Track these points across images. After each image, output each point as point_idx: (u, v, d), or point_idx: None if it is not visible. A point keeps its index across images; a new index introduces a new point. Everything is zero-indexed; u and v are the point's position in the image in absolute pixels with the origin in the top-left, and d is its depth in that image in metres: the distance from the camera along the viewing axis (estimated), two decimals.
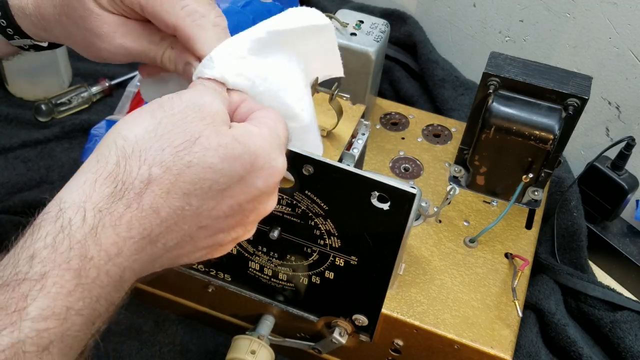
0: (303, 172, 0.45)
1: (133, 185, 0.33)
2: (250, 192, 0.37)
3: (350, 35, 0.70)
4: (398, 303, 0.60)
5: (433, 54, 0.95)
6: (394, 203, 0.44)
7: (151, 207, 0.33)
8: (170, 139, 0.34)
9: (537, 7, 0.83)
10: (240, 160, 0.35)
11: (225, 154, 0.35)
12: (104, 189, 0.33)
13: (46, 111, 0.90)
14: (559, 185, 0.79)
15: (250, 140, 0.36)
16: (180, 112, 0.35)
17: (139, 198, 0.33)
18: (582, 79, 0.64)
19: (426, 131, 0.79)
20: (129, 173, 0.33)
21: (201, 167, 0.34)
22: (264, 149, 0.36)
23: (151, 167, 0.33)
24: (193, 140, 0.34)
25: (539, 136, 0.63)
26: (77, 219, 0.32)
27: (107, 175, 0.33)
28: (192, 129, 0.34)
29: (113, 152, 0.33)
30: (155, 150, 0.33)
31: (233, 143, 0.35)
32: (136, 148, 0.33)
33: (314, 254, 0.53)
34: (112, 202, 0.32)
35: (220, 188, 0.35)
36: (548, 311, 0.69)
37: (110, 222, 0.32)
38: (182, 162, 0.34)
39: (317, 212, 0.48)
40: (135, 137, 0.34)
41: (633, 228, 0.81)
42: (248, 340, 0.61)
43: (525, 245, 0.67)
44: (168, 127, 0.34)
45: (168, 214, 0.34)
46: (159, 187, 0.33)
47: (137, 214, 0.33)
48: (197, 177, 0.34)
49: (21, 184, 0.82)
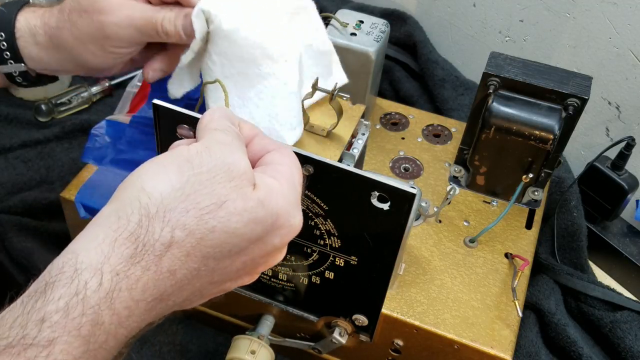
0: (303, 172, 0.45)
1: (154, 248, 0.32)
2: (266, 249, 0.37)
3: (350, 35, 0.70)
4: (398, 303, 0.60)
5: (433, 54, 0.95)
6: (394, 203, 0.44)
7: (169, 270, 0.33)
8: (196, 200, 0.33)
9: (537, 7, 0.83)
10: (262, 224, 0.35)
11: (249, 218, 0.34)
12: (123, 250, 0.31)
13: (46, 111, 0.90)
14: (559, 185, 0.79)
15: (273, 202, 0.35)
16: (209, 171, 0.34)
17: (158, 261, 0.32)
18: (582, 79, 0.64)
19: (426, 131, 0.79)
20: (151, 234, 0.32)
21: (224, 232, 0.33)
22: (285, 209, 0.36)
23: (174, 229, 0.32)
24: (219, 204, 0.33)
25: (539, 136, 0.63)
26: (93, 282, 0.30)
27: (128, 236, 0.32)
28: (219, 191, 0.34)
29: (136, 211, 0.32)
30: (179, 211, 0.32)
31: (257, 207, 0.34)
32: (160, 208, 0.32)
33: (314, 254, 0.53)
34: (131, 264, 0.31)
35: (239, 250, 0.35)
36: (548, 311, 0.69)
37: (127, 286, 0.31)
38: (207, 226, 0.33)
39: (317, 212, 0.48)
40: (161, 196, 0.33)
41: (633, 228, 0.81)
42: (248, 340, 0.61)
43: (525, 245, 0.67)
44: (195, 187, 0.33)
45: (184, 275, 0.33)
46: (179, 251, 0.33)
47: (154, 277, 0.32)
48: (219, 241, 0.34)
49: (21, 184, 0.82)
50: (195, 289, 0.35)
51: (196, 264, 0.33)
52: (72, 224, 0.70)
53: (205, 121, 0.38)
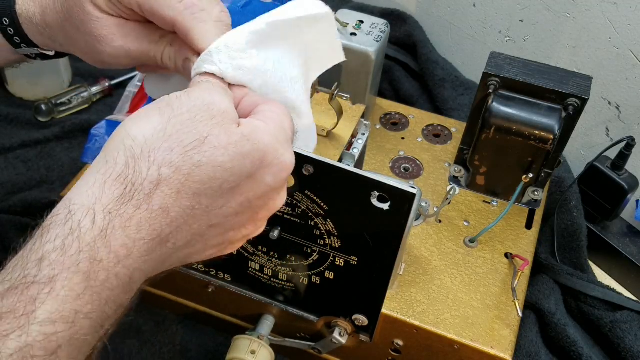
0: (303, 172, 0.45)
1: (142, 186, 0.33)
2: (260, 188, 0.37)
3: (350, 35, 0.70)
4: (398, 303, 0.60)
5: (433, 54, 0.95)
6: (394, 203, 0.44)
7: (161, 208, 0.33)
8: (179, 138, 0.34)
9: (537, 7, 0.83)
10: (249, 158, 0.35)
11: (235, 152, 0.34)
12: (113, 191, 0.32)
13: (46, 111, 0.90)
14: (559, 185, 0.79)
15: (259, 137, 0.36)
16: (189, 112, 0.35)
17: (148, 199, 0.33)
18: (582, 79, 0.64)
19: (426, 131, 0.79)
20: (138, 174, 0.33)
21: (211, 167, 0.34)
22: (272, 145, 0.36)
23: (160, 167, 0.33)
24: (202, 140, 0.34)
25: (539, 136, 0.63)
26: (86, 221, 0.31)
27: (117, 177, 0.33)
28: (201, 128, 0.34)
29: (122, 153, 0.33)
30: (164, 150, 0.33)
31: (242, 141, 0.35)
32: (145, 148, 0.33)
33: (314, 254, 0.53)
34: (122, 203, 0.32)
35: (230, 186, 0.35)
36: (548, 311, 0.69)
37: (120, 224, 0.32)
38: (192, 161, 0.34)
39: (317, 212, 0.48)
40: (144, 137, 0.34)
41: (633, 228, 0.81)
42: (248, 340, 0.61)
43: (525, 245, 0.67)
44: (177, 127, 0.34)
45: (178, 213, 0.34)
46: (169, 188, 0.33)
47: (147, 215, 0.33)
48: (207, 176, 0.34)
49: (21, 184, 0.82)
50: (194, 231, 0.35)
51: (188, 202, 0.34)
52: None
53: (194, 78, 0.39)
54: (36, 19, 0.48)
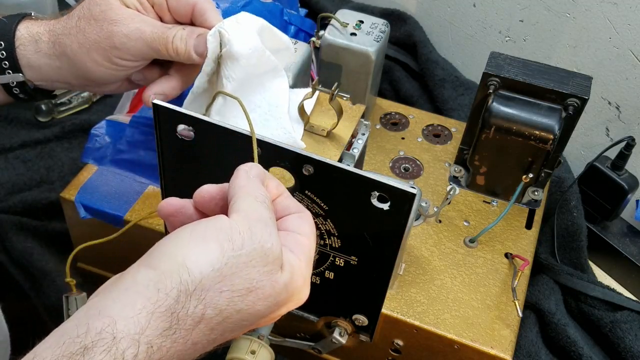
0: (303, 172, 0.45)
1: (185, 323, 0.33)
2: (273, 317, 0.39)
3: (350, 35, 0.70)
4: (398, 303, 0.60)
5: (433, 54, 0.95)
6: (394, 203, 0.44)
7: (193, 342, 0.34)
8: (231, 282, 0.35)
9: (537, 7, 0.83)
10: (280, 304, 0.37)
11: (273, 302, 0.37)
12: (159, 323, 0.33)
13: (46, 111, 0.90)
14: (559, 185, 0.79)
15: (294, 285, 0.38)
16: (248, 255, 0.35)
17: (187, 335, 0.34)
18: (582, 79, 0.64)
19: (426, 131, 0.79)
20: (185, 310, 0.33)
21: (248, 314, 0.36)
22: (300, 288, 0.38)
23: (206, 307, 0.34)
24: (251, 289, 0.35)
25: (539, 136, 0.63)
26: (129, 352, 0.31)
27: (165, 310, 0.33)
28: (253, 276, 0.35)
29: (176, 287, 0.33)
30: (214, 291, 0.34)
31: (282, 292, 0.37)
32: (199, 287, 0.34)
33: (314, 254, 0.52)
34: (165, 337, 0.33)
35: (256, 318, 0.37)
36: (548, 311, 0.69)
37: (158, 357, 0.33)
38: (235, 308, 0.35)
39: (317, 212, 0.48)
40: (201, 275, 0.34)
41: (633, 228, 0.81)
42: (248, 340, 0.61)
43: (525, 245, 0.67)
44: (232, 270, 0.35)
45: (203, 345, 0.35)
46: (206, 326, 0.34)
47: (180, 348, 0.34)
48: (240, 319, 0.36)
49: (21, 184, 0.82)
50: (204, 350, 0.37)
51: (215, 336, 0.35)
52: (72, 224, 0.70)
53: (241, 182, 0.39)
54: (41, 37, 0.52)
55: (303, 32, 0.79)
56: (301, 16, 0.81)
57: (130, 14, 0.50)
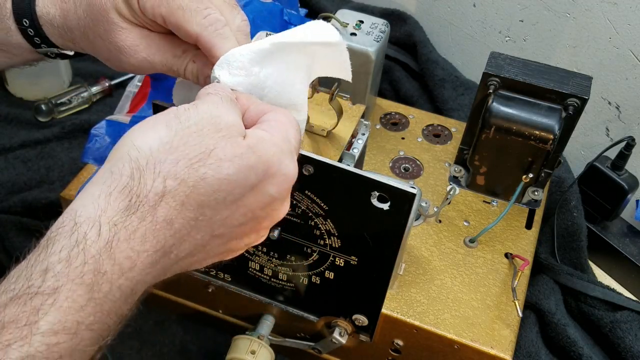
0: (303, 172, 0.45)
1: (147, 198, 0.33)
2: (263, 199, 0.37)
3: (350, 35, 0.70)
4: (398, 303, 0.60)
5: (433, 54, 0.95)
6: (394, 203, 0.44)
7: (165, 220, 0.33)
8: (185, 151, 0.34)
9: (537, 7, 0.83)
10: (254, 170, 0.35)
11: (240, 164, 0.35)
12: (118, 203, 0.32)
13: (46, 111, 0.90)
14: (559, 185, 0.79)
15: (264, 149, 0.36)
16: (196, 124, 0.35)
17: (153, 211, 0.33)
18: (582, 79, 0.64)
19: (426, 131, 0.79)
20: (143, 186, 0.33)
21: (216, 179, 0.34)
22: (277, 156, 0.36)
23: (166, 179, 0.33)
24: (208, 153, 0.34)
25: (539, 136, 0.63)
26: (92, 233, 0.31)
27: (122, 189, 0.33)
28: (207, 141, 0.34)
29: (127, 164, 0.33)
30: (170, 162, 0.33)
31: (247, 153, 0.35)
32: (150, 160, 0.33)
33: (314, 254, 0.53)
34: (127, 215, 0.32)
35: (234, 198, 0.35)
36: (548, 311, 0.69)
37: (125, 236, 0.32)
38: (197, 174, 0.34)
39: (317, 212, 0.48)
40: (150, 149, 0.34)
41: (633, 228, 0.81)
42: (248, 340, 0.61)
43: (525, 245, 0.67)
44: (183, 139, 0.34)
45: (182, 225, 0.34)
46: (173, 200, 0.33)
47: (151, 227, 0.33)
48: (211, 188, 0.34)
49: (21, 184, 0.82)
50: (197, 241, 0.35)
51: (192, 213, 0.34)
52: None
53: (203, 88, 0.39)
54: (56, 21, 0.48)
55: None
56: (301, 16, 0.81)
57: (134, 39, 0.45)
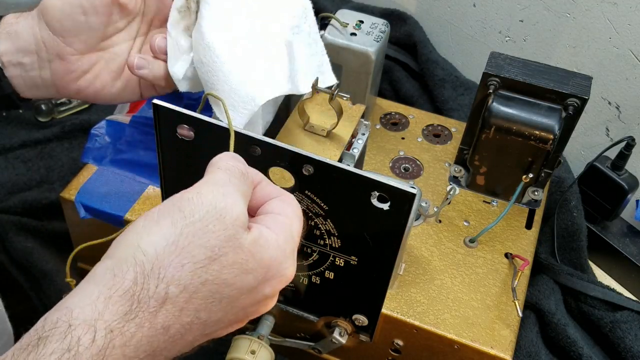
0: (303, 172, 0.45)
1: (148, 305, 0.32)
2: (257, 298, 0.37)
3: (350, 35, 0.70)
4: (398, 303, 0.60)
5: (433, 54, 0.95)
6: (394, 203, 0.44)
7: (163, 326, 0.33)
8: (191, 252, 0.33)
9: (537, 7, 0.83)
10: (253, 274, 0.35)
11: (240, 269, 0.35)
12: (117, 307, 0.31)
13: (46, 111, 0.90)
14: (559, 185, 0.79)
15: (266, 254, 0.36)
16: (201, 220, 0.34)
17: (152, 318, 0.32)
18: (582, 79, 0.64)
19: (426, 131, 0.79)
20: (146, 291, 0.32)
21: (215, 284, 0.34)
22: (278, 260, 0.36)
23: (168, 285, 0.32)
24: (214, 258, 0.34)
25: (539, 136, 0.63)
26: (86, 338, 0.30)
27: (123, 293, 0.32)
28: (213, 242, 0.34)
29: (131, 268, 0.32)
30: (174, 267, 0.33)
31: (249, 259, 0.35)
32: (156, 265, 0.32)
33: (314, 254, 0.53)
34: (126, 321, 0.31)
35: (230, 300, 0.35)
36: (548, 311, 0.69)
37: (120, 343, 0.31)
38: (199, 280, 0.33)
39: (317, 212, 0.48)
40: (155, 252, 0.33)
41: (633, 228, 0.81)
42: (248, 340, 0.61)
43: (525, 245, 0.67)
44: (189, 239, 0.33)
45: (177, 330, 0.34)
46: (174, 306, 0.33)
47: (148, 333, 0.32)
48: (210, 293, 0.34)
49: (21, 184, 0.82)
50: (187, 342, 0.35)
51: (189, 318, 0.34)
52: (72, 224, 0.70)
53: (213, 161, 0.38)
54: None
55: None
56: None
57: None
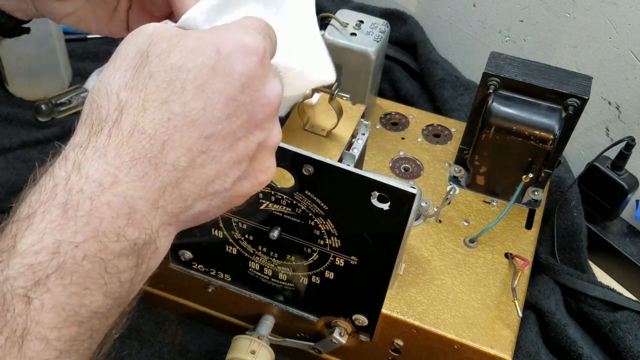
0: (303, 172, 0.45)
1: (108, 117, 0.32)
2: (233, 80, 0.33)
3: (350, 35, 0.70)
4: (398, 303, 0.60)
5: (433, 54, 0.95)
6: (394, 203, 0.44)
7: (133, 128, 0.32)
8: (125, 60, 0.34)
9: (537, 7, 0.83)
10: (197, 52, 0.33)
11: (181, 50, 0.33)
12: (81, 134, 0.33)
13: (46, 111, 0.90)
14: (559, 185, 0.79)
15: (206, 34, 0.34)
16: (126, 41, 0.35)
17: (117, 125, 0.32)
18: (582, 79, 0.64)
19: (426, 131, 0.79)
20: (100, 109, 0.33)
21: (163, 72, 0.33)
22: (225, 35, 0.34)
23: (118, 93, 0.33)
24: (144, 52, 0.33)
25: (539, 136, 0.63)
26: (59, 162, 0.32)
27: (83, 122, 0.33)
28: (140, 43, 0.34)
29: (87, 106, 0.34)
30: (117, 78, 0.33)
31: (185, 39, 0.34)
32: (102, 86, 0.33)
33: (314, 254, 0.53)
34: (92, 137, 0.32)
35: (195, 84, 0.33)
36: (548, 311, 0.69)
37: (95, 155, 0.31)
38: (143, 75, 0.33)
39: (317, 212, 0.48)
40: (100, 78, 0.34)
41: (633, 228, 0.81)
42: (248, 340, 0.61)
43: (525, 245, 0.67)
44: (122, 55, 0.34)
45: (154, 129, 0.32)
46: (133, 107, 0.32)
47: (121, 139, 0.32)
48: (163, 82, 0.33)
49: (21, 184, 0.81)
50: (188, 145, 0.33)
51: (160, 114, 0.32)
52: None
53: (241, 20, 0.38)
54: None
55: None
56: None
57: None
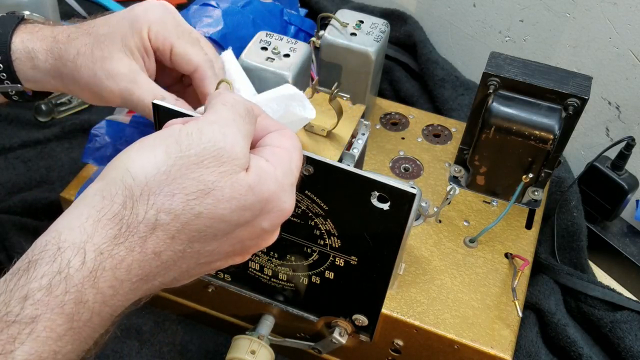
0: (303, 172, 0.45)
1: (138, 230, 0.32)
2: (254, 232, 0.36)
3: (350, 35, 0.70)
4: (398, 303, 0.60)
5: (433, 54, 0.95)
6: (394, 203, 0.44)
7: (153, 252, 0.32)
8: (182, 184, 0.32)
9: (537, 7, 0.83)
10: (250, 210, 0.34)
11: (237, 205, 0.34)
12: (107, 230, 0.31)
13: (46, 111, 0.90)
14: (559, 185, 0.79)
15: (264, 187, 0.34)
16: (197, 155, 0.33)
17: (142, 243, 0.32)
18: (582, 79, 0.64)
19: (426, 131, 0.79)
20: (135, 216, 0.32)
21: (210, 219, 0.33)
22: (276, 194, 0.35)
23: (159, 212, 0.32)
24: (207, 192, 0.33)
25: (539, 136, 0.63)
26: (76, 260, 0.30)
27: (112, 217, 0.31)
28: (207, 177, 0.33)
29: (120, 192, 0.32)
30: (165, 195, 0.32)
31: (247, 194, 0.34)
32: (145, 190, 0.32)
33: (314, 254, 0.53)
34: (115, 244, 0.31)
35: (226, 233, 0.35)
36: (548, 311, 0.69)
37: (111, 266, 0.31)
38: (192, 212, 0.33)
39: (317, 212, 0.48)
40: (145, 178, 0.32)
41: (633, 228, 0.81)
42: (248, 340, 0.61)
43: (525, 245, 0.67)
44: (182, 171, 0.33)
45: (169, 257, 0.33)
46: (164, 233, 0.32)
47: (139, 258, 0.32)
48: (204, 226, 0.33)
49: (21, 184, 0.82)
50: (182, 270, 0.35)
51: (181, 246, 0.33)
52: None
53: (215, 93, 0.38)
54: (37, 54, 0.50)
55: (303, 32, 0.79)
56: (301, 16, 0.81)
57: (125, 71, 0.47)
